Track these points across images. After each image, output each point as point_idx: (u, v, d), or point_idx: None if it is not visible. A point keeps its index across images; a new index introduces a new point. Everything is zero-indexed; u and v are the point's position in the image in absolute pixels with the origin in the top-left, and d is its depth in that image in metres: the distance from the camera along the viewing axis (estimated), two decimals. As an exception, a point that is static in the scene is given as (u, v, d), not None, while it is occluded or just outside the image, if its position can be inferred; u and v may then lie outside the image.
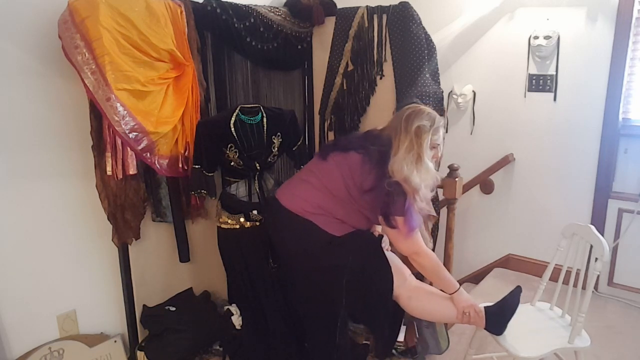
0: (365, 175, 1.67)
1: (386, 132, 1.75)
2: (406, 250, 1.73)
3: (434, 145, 1.73)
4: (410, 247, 1.72)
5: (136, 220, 2.06)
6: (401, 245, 1.72)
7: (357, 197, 1.70)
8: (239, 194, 2.12)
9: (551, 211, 3.05)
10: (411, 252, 1.73)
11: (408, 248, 1.72)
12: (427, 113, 1.73)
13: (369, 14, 2.35)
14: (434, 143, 1.73)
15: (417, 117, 1.69)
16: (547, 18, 2.86)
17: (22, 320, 1.89)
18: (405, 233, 1.66)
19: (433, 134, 1.70)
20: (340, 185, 1.71)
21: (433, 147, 1.73)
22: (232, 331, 2.22)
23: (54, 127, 1.87)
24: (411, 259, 1.75)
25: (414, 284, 1.83)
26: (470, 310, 1.77)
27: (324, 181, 1.74)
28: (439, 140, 1.75)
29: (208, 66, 2.21)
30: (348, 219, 1.74)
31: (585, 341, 1.76)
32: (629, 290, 2.84)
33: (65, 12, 1.69)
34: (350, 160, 1.72)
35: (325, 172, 1.75)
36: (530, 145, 3.07)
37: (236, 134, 2.02)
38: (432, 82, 2.21)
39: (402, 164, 1.62)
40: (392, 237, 1.75)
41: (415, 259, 1.74)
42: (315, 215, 1.72)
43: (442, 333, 2.21)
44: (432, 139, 1.70)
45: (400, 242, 1.72)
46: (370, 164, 1.67)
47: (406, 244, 1.71)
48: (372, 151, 1.69)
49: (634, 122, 2.78)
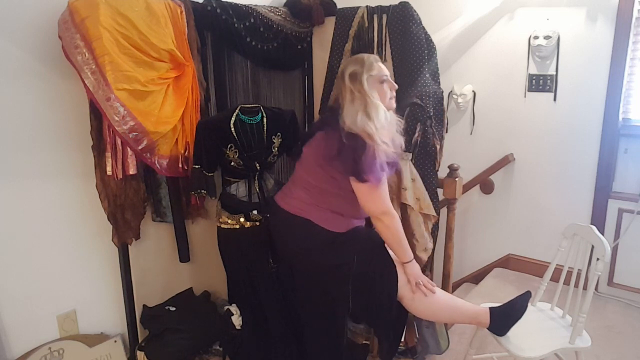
0: (329, 145, 1.68)
1: (335, 98, 1.78)
2: (375, 210, 1.69)
3: (380, 79, 1.72)
4: (380, 205, 1.68)
5: (136, 220, 2.06)
6: (371, 204, 1.68)
7: (334, 173, 1.70)
8: (239, 194, 2.12)
9: (551, 211, 3.05)
10: (380, 211, 1.69)
11: (377, 207, 1.68)
12: (354, 58, 1.76)
13: (369, 14, 2.35)
14: (379, 78, 1.71)
15: (347, 66, 1.73)
16: (547, 18, 2.86)
17: (22, 320, 1.89)
18: (374, 185, 1.63)
19: (368, 72, 1.69)
20: (317, 171, 1.74)
21: (381, 81, 1.72)
22: (232, 331, 2.22)
23: (54, 127, 1.86)
24: (378, 220, 1.70)
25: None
26: (422, 279, 1.77)
27: (305, 176, 1.79)
28: (381, 72, 1.73)
29: (208, 66, 2.21)
30: (340, 206, 1.74)
31: (586, 341, 1.76)
32: (629, 290, 2.85)
33: (65, 12, 1.68)
34: (315, 142, 1.76)
35: (304, 166, 1.80)
36: (530, 145, 3.07)
37: (236, 134, 2.02)
38: (432, 82, 2.21)
39: (351, 115, 1.64)
40: (362, 198, 1.69)
41: (384, 220, 1.70)
42: (310, 212, 1.73)
43: (442, 333, 2.21)
44: (372, 76, 1.69)
45: (369, 201, 1.68)
46: (329, 132, 1.70)
47: (375, 202, 1.67)
48: (327, 120, 1.75)
49: (634, 122, 2.79)
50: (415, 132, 2.12)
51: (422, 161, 2.19)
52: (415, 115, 2.11)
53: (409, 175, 2.11)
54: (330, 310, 1.82)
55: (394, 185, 2.12)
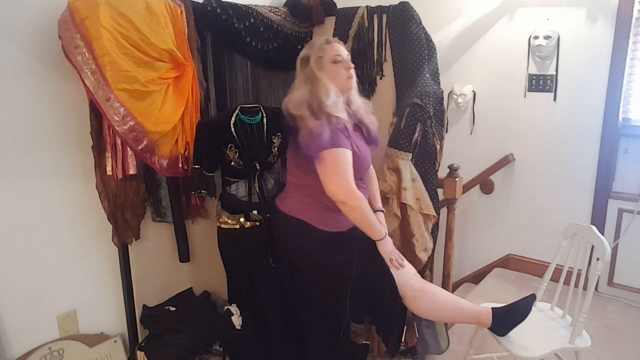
0: (296, 138, 1.69)
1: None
2: (335, 191, 1.60)
3: (332, 60, 1.70)
4: (339, 186, 1.59)
5: (136, 220, 2.06)
6: (330, 186, 1.60)
7: (308, 165, 1.66)
8: (239, 194, 2.12)
9: (551, 211, 3.05)
10: (341, 193, 1.59)
11: (336, 188, 1.59)
12: (308, 43, 1.79)
13: (369, 14, 2.35)
14: (331, 59, 1.70)
15: (301, 53, 1.76)
16: (547, 18, 2.86)
17: (22, 320, 1.89)
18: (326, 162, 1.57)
19: (317, 54, 1.70)
20: (295, 169, 1.76)
21: (333, 62, 1.70)
22: (232, 331, 2.22)
23: (54, 127, 1.86)
24: (343, 203, 1.62)
25: (418, 284, 1.80)
26: (395, 256, 1.75)
27: (291, 178, 1.82)
28: (333, 53, 1.70)
29: (208, 66, 2.21)
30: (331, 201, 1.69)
31: (586, 341, 1.76)
32: (629, 290, 2.85)
33: (65, 12, 1.68)
34: (292, 142, 1.77)
35: (288, 168, 1.84)
36: (530, 145, 3.07)
37: (236, 134, 2.02)
38: (432, 82, 2.21)
39: (294, 98, 1.67)
40: (322, 180, 1.62)
41: (348, 202, 1.60)
42: (305, 212, 1.73)
43: (442, 333, 2.21)
44: (321, 58, 1.70)
45: (328, 183, 1.60)
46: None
47: (332, 182, 1.59)
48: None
49: (634, 122, 2.79)
50: (415, 132, 2.12)
51: (422, 161, 2.19)
52: (415, 115, 2.11)
53: (409, 175, 2.11)
54: (330, 310, 1.82)
55: (394, 185, 2.12)
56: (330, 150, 1.58)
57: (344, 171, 1.60)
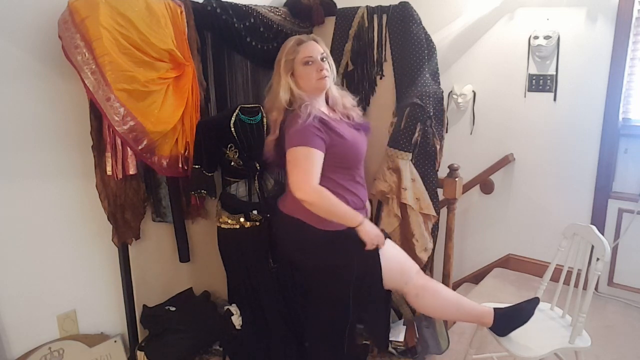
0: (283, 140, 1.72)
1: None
2: (292, 184, 1.60)
3: (303, 61, 1.71)
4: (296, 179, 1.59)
5: (136, 220, 2.06)
6: (289, 182, 1.63)
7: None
8: (239, 194, 2.12)
9: (551, 211, 3.05)
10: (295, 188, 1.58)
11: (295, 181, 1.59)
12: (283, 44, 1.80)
13: (369, 14, 2.35)
14: (301, 60, 1.71)
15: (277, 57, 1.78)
16: (547, 18, 2.86)
17: (22, 320, 1.89)
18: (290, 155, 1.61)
19: (288, 56, 1.72)
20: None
21: (304, 63, 1.71)
22: (232, 331, 2.22)
23: (54, 127, 1.86)
24: (303, 201, 1.60)
25: (421, 282, 1.79)
26: (379, 239, 1.71)
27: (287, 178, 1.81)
28: (306, 53, 1.70)
29: (208, 66, 2.21)
30: None
31: (586, 341, 1.76)
32: (629, 290, 2.85)
33: (65, 12, 1.68)
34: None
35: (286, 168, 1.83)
36: (530, 145, 3.07)
37: (236, 134, 2.02)
38: (432, 82, 2.21)
39: (267, 99, 1.77)
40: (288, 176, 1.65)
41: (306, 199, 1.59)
42: (303, 211, 1.71)
43: (442, 333, 2.21)
44: (289, 60, 1.72)
45: (289, 179, 1.62)
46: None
47: (292, 175, 1.60)
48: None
49: (634, 122, 2.79)
50: (415, 132, 2.12)
51: (422, 161, 2.19)
52: (415, 115, 2.11)
53: (409, 175, 2.11)
54: (332, 311, 1.81)
55: (394, 185, 2.12)
56: (296, 148, 1.61)
57: (305, 169, 1.60)
